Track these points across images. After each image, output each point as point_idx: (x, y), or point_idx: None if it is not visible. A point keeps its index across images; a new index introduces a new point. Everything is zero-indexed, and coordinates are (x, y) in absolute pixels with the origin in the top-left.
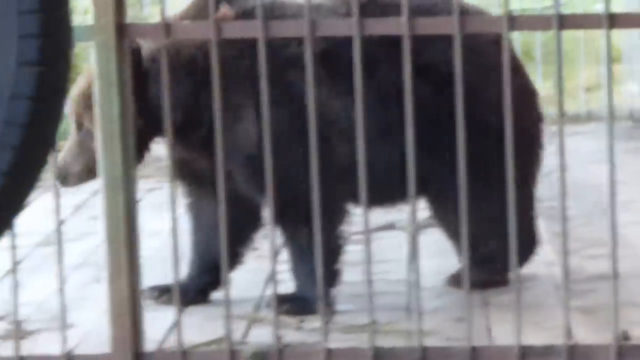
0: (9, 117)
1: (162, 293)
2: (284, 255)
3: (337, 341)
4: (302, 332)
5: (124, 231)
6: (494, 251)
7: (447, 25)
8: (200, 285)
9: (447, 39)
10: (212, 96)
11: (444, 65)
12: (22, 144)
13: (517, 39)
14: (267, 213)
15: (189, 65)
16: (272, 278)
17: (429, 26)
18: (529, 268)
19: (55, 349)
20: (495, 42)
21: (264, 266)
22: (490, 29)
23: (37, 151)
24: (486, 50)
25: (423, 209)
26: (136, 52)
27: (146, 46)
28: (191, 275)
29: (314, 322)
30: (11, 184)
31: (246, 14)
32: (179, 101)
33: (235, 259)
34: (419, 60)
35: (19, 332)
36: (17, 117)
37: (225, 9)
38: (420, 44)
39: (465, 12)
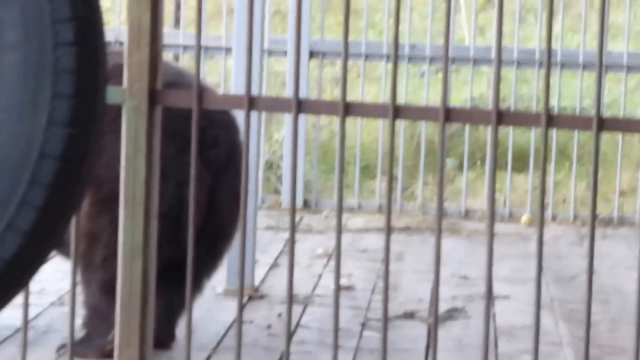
0: (35, 176)
1: None
2: None
3: None
4: None
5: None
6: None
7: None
8: None
9: None
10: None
11: None
12: (47, 204)
13: (554, 137)
14: None
15: None
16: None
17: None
18: None
19: None
20: None
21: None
22: (528, 124)
23: (62, 212)
24: None
25: (445, 300)
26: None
27: None
28: None
29: None
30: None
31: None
32: None
33: None
34: None
35: None
36: (44, 177)
37: None
38: None
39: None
